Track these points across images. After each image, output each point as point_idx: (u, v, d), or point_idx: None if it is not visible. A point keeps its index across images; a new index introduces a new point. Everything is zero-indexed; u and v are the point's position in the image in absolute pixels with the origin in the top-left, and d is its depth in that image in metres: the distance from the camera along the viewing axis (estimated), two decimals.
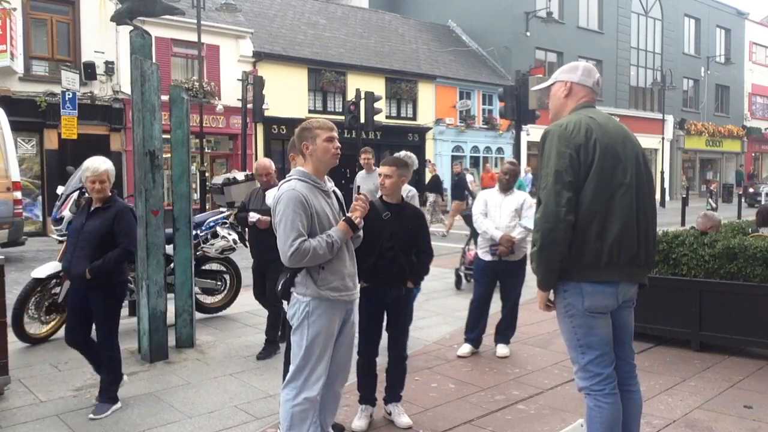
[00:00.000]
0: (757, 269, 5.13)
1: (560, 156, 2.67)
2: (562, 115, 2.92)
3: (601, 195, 2.67)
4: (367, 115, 16.90)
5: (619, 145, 2.75)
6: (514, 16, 27.72)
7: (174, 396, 4.41)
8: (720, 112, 38.05)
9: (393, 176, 3.84)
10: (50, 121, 15.92)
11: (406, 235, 3.86)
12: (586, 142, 2.68)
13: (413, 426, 3.89)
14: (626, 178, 2.72)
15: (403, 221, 3.86)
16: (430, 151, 24.81)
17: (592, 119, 2.77)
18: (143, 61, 5.14)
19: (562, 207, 2.63)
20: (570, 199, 2.65)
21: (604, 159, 2.68)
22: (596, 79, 2.96)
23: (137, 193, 5.21)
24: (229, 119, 19.27)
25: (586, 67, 2.97)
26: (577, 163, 2.67)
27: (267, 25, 22.16)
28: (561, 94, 2.95)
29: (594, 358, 2.76)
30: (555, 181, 2.66)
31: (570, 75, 2.95)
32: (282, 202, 2.99)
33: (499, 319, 5.54)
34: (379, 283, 3.80)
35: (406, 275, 3.89)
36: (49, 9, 16.63)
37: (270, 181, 5.58)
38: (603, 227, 2.66)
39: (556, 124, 2.79)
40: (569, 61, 3.29)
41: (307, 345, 3.06)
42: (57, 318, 5.80)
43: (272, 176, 5.61)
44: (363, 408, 3.95)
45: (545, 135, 2.78)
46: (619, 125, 2.87)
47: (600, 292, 2.71)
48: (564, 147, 2.68)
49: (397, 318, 3.95)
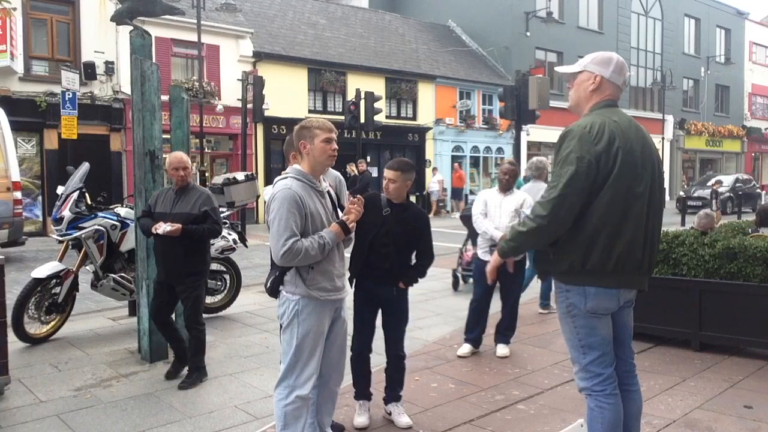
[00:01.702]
0: (757, 269, 5.13)
1: (579, 160, 2.58)
2: (582, 108, 2.82)
3: (617, 205, 2.62)
4: (367, 115, 16.90)
5: (638, 153, 2.68)
6: (514, 16, 27.71)
7: (174, 396, 4.41)
8: (720, 112, 38.04)
9: (398, 181, 3.80)
10: (50, 121, 15.91)
11: (405, 236, 3.83)
12: (607, 149, 2.59)
13: (413, 426, 3.90)
14: (641, 187, 2.66)
15: (405, 221, 3.83)
16: (430, 151, 24.81)
17: (615, 123, 2.67)
18: (143, 61, 5.15)
19: (565, 211, 2.59)
20: (575, 206, 2.59)
21: (624, 169, 2.61)
22: (626, 77, 2.84)
23: (137, 193, 5.21)
24: (229, 119, 19.27)
25: (620, 62, 2.80)
26: (595, 170, 2.59)
27: (267, 25, 22.16)
28: (588, 86, 2.80)
29: (595, 359, 2.76)
30: (567, 184, 2.58)
31: (602, 68, 2.78)
32: (277, 201, 2.99)
33: (499, 319, 5.54)
34: (369, 279, 3.79)
35: (396, 275, 3.82)
36: (49, 9, 16.63)
37: (187, 177, 4.77)
38: (613, 237, 2.62)
39: (579, 124, 2.68)
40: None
41: (297, 343, 3.06)
42: (57, 318, 5.81)
43: (189, 172, 4.82)
44: (360, 404, 3.97)
45: (566, 133, 2.68)
46: (639, 130, 2.76)
47: (603, 294, 2.70)
48: (584, 152, 2.59)
49: (391, 318, 3.94)
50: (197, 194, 4.78)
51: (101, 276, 5.88)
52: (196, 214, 4.68)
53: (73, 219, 5.79)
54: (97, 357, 5.30)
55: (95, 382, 4.68)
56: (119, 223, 5.93)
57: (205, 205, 4.73)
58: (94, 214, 5.94)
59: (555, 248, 2.72)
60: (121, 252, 5.97)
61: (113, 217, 5.96)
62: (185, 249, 4.63)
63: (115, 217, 5.97)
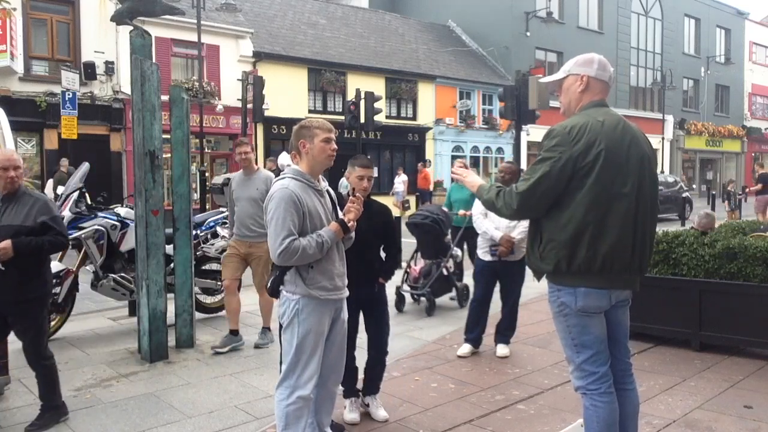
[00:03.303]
0: (757, 269, 5.13)
1: (553, 160, 2.63)
2: (573, 111, 2.84)
3: (598, 206, 2.63)
4: (367, 115, 16.91)
5: (624, 152, 2.68)
6: (514, 16, 27.73)
7: (174, 396, 4.41)
8: (720, 112, 38.05)
9: (371, 176, 3.88)
10: (50, 121, 15.93)
11: (373, 232, 3.84)
12: (585, 151, 2.61)
13: (414, 426, 3.90)
14: (626, 187, 2.66)
15: (371, 217, 3.79)
16: (430, 152, 24.83)
17: (599, 123, 2.67)
18: (143, 61, 5.15)
19: (531, 206, 2.70)
20: (540, 203, 2.68)
21: (604, 169, 2.62)
22: (611, 72, 2.85)
23: (137, 193, 5.21)
24: (229, 119, 19.28)
25: (602, 60, 2.83)
26: (570, 171, 2.62)
27: (267, 25, 22.17)
28: (576, 89, 2.82)
29: (589, 357, 2.76)
30: (537, 181, 2.65)
31: (586, 68, 2.81)
32: (274, 200, 2.99)
33: (499, 319, 5.54)
34: (350, 282, 3.79)
35: (376, 272, 3.94)
36: (49, 9, 16.65)
37: (17, 180, 3.77)
38: (596, 238, 2.63)
39: (561, 125, 2.72)
40: None
41: (298, 343, 3.06)
42: (57, 318, 5.80)
43: (21, 174, 3.83)
44: (351, 401, 4.01)
45: (548, 133, 2.73)
46: (627, 127, 2.76)
47: (593, 293, 2.71)
48: (560, 152, 2.62)
49: (374, 316, 3.98)
50: (31, 202, 3.80)
51: (101, 276, 5.89)
52: (31, 226, 3.73)
53: (73, 219, 5.79)
54: (97, 357, 5.30)
55: (95, 382, 4.68)
56: (119, 223, 5.94)
57: (42, 214, 3.78)
58: (94, 214, 5.95)
59: (541, 248, 2.75)
60: (121, 252, 5.97)
61: (113, 217, 5.97)
62: (19, 271, 3.70)
63: (115, 217, 5.98)
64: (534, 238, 2.81)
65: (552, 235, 2.70)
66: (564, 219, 2.66)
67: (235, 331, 5.55)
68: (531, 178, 2.68)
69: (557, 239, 2.68)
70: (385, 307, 4.08)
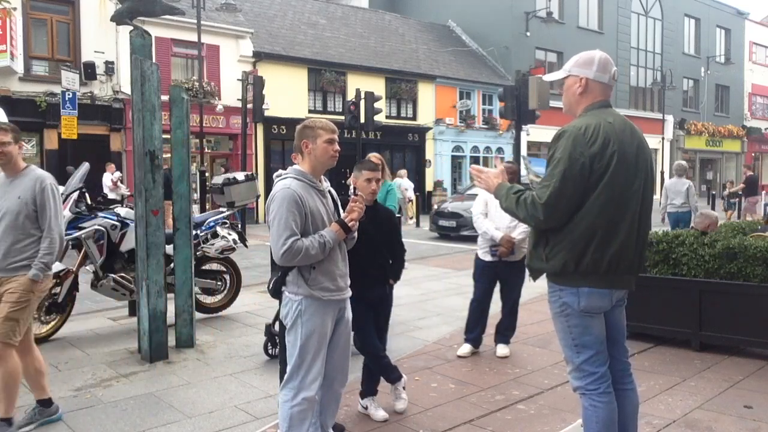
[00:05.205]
0: (757, 269, 5.13)
1: (573, 161, 2.59)
2: (575, 111, 2.83)
3: (612, 207, 2.62)
4: (367, 115, 16.90)
5: (633, 155, 2.68)
6: (514, 16, 27.73)
7: (174, 396, 4.41)
8: (720, 112, 38.05)
9: (379, 178, 3.92)
10: (50, 121, 15.93)
11: (382, 236, 3.95)
12: (601, 152, 2.59)
13: (414, 426, 3.90)
14: (635, 188, 2.68)
15: (378, 221, 3.90)
16: (430, 152, 24.83)
17: (610, 125, 2.66)
18: (143, 61, 5.15)
19: (558, 213, 2.62)
20: (564, 209, 2.62)
21: (619, 171, 2.61)
22: (612, 73, 2.81)
23: (137, 193, 5.21)
24: (229, 119, 19.28)
25: (602, 59, 2.78)
26: (588, 171, 2.59)
27: (267, 25, 22.17)
28: (575, 91, 2.80)
29: (588, 358, 2.76)
30: (559, 185, 2.59)
31: (585, 70, 2.77)
32: (276, 201, 2.99)
33: (499, 319, 5.54)
34: (363, 284, 3.78)
35: (387, 273, 4.05)
36: (49, 9, 16.65)
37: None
38: (606, 239, 2.63)
39: (574, 125, 2.68)
40: None
41: (302, 344, 3.06)
42: (57, 318, 5.80)
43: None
44: (372, 399, 4.06)
45: (561, 134, 2.68)
46: (633, 131, 2.76)
47: (596, 294, 2.70)
48: (578, 153, 2.59)
49: (380, 317, 4.07)
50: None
51: (101, 276, 5.89)
52: None
53: (73, 219, 5.79)
54: (97, 357, 5.30)
55: (95, 382, 4.69)
56: (119, 223, 5.94)
57: None
58: (94, 214, 5.95)
59: (547, 249, 2.73)
60: (121, 252, 5.97)
61: (113, 217, 5.97)
62: None
63: (115, 217, 5.98)
64: (539, 239, 2.78)
65: (561, 237, 2.67)
66: (575, 220, 2.64)
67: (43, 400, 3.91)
68: (551, 185, 2.61)
69: (567, 240, 2.66)
70: (392, 307, 4.22)
